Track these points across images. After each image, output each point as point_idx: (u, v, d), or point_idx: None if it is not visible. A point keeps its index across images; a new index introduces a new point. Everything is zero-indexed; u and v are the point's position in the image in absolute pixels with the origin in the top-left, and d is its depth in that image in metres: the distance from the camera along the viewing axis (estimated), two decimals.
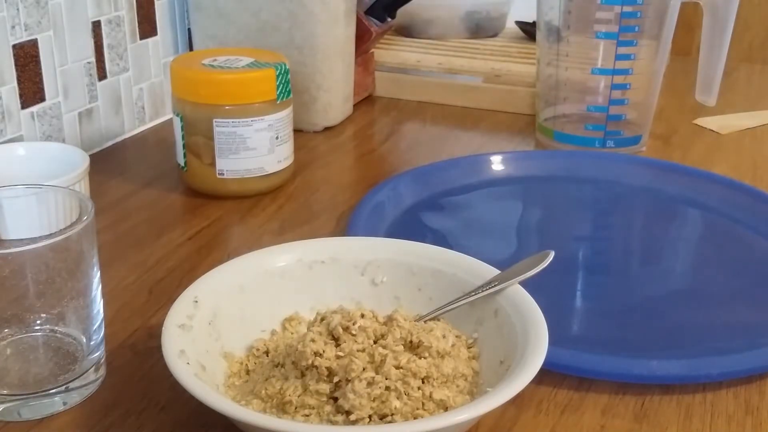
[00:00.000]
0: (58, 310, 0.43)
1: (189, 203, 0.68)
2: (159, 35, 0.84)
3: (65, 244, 0.42)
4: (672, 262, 0.62)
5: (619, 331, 0.52)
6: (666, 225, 0.67)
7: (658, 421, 0.44)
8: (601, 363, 0.46)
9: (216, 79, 0.65)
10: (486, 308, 0.46)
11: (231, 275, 0.47)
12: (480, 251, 0.50)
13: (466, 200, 0.69)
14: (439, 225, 0.66)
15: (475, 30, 1.09)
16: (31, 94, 0.70)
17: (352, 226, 0.60)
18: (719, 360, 0.47)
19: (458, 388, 0.42)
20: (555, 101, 0.81)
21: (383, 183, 0.68)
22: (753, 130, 0.86)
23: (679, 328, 0.52)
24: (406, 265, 0.49)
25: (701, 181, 0.70)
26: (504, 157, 0.73)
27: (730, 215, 0.66)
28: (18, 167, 0.61)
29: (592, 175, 0.72)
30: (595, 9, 0.75)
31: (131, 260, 0.59)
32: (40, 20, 0.70)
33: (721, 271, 0.59)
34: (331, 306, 0.47)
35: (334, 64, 0.82)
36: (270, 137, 0.67)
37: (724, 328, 0.52)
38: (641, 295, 0.56)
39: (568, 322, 0.53)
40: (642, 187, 0.71)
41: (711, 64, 0.80)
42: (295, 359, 0.42)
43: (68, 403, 0.44)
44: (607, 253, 0.63)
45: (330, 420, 0.40)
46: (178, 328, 0.42)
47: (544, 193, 0.72)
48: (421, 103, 0.93)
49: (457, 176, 0.71)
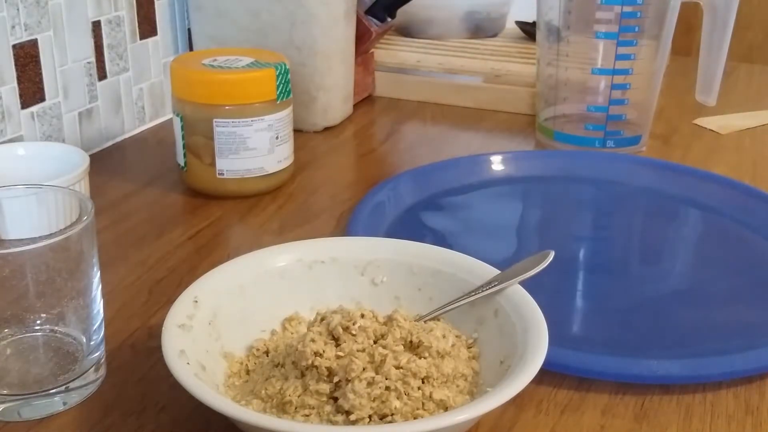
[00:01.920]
0: (58, 310, 0.43)
1: (189, 203, 0.68)
2: (159, 35, 0.84)
3: (65, 244, 0.42)
4: (672, 262, 0.62)
5: (619, 331, 0.52)
6: (666, 225, 0.67)
7: (658, 421, 0.44)
8: (601, 363, 0.46)
9: (216, 79, 0.65)
10: (486, 308, 0.46)
11: (231, 275, 0.47)
12: (480, 251, 0.50)
13: (466, 200, 0.69)
14: (439, 225, 0.66)
15: (475, 30, 1.09)
16: (31, 94, 0.70)
17: (352, 226, 0.60)
18: (719, 360, 0.47)
19: (458, 388, 0.42)
20: (555, 101, 0.81)
21: (383, 183, 0.68)
22: (753, 130, 0.86)
23: (679, 328, 0.52)
24: (406, 265, 0.49)
25: (701, 181, 0.70)
26: (504, 157, 0.73)
27: (730, 215, 0.66)
28: (18, 167, 0.61)
29: (592, 175, 0.72)
30: (595, 9, 0.75)
31: (131, 260, 0.59)
32: (40, 20, 0.70)
33: (721, 271, 0.59)
34: (331, 306, 0.47)
35: (334, 64, 0.82)
36: (270, 137, 0.67)
37: (724, 328, 0.52)
38: (641, 295, 0.56)
39: (568, 322, 0.53)
40: (642, 187, 0.71)
41: (711, 64, 0.80)
42: (295, 359, 0.42)
43: (68, 403, 0.44)
44: (607, 253, 0.63)
45: (330, 420, 0.40)
46: (178, 328, 0.42)
47: (544, 193, 0.72)
48: (421, 103, 0.93)
49: (457, 176, 0.71)
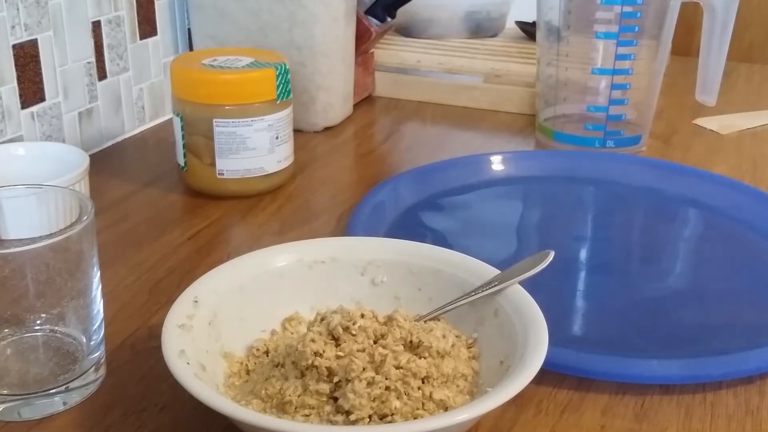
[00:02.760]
0: (58, 310, 0.43)
1: (189, 203, 0.68)
2: (159, 35, 0.84)
3: (65, 244, 0.42)
4: (672, 262, 0.62)
5: (619, 331, 0.52)
6: (666, 225, 0.67)
7: (658, 421, 0.44)
8: (601, 363, 0.46)
9: (216, 79, 0.65)
10: (486, 308, 0.46)
11: (231, 275, 0.47)
12: (480, 251, 0.50)
13: (466, 200, 0.69)
14: (439, 225, 0.66)
15: (475, 30, 1.09)
16: (31, 94, 0.70)
17: (352, 226, 0.60)
18: (719, 360, 0.47)
19: (458, 388, 0.42)
20: (555, 101, 0.81)
21: (383, 183, 0.68)
22: (753, 130, 0.86)
23: (679, 328, 0.52)
24: (406, 265, 0.49)
25: (701, 181, 0.70)
26: (504, 157, 0.73)
27: (730, 215, 0.66)
28: (18, 167, 0.61)
29: (592, 175, 0.72)
30: (595, 9, 0.75)
31: (131, 260, 0.59)
32: (40, 20, 0.70)
33: (721, 271, 0.59)
34: (331, 306, 0.47)
35: (334, 64, 0.82)
36: (270, 137, 0.67)
37: (724, 327, 0.52)
38: (641, 295, 0.56)
39: (568, 322, 0.53)
40: (642, 187, 0.71)
41: (711, 64, 0.80)
42: (295, 359, 0.42)
43: (68, 403, 0.44)
44: (607, 253, 0.63)
45: (330, 420, 0.40)
46: (178, 328, 0.42)
47: (544, 193, 0.72)
48: (421, 103, 0.93)
49: (457, 176, 0.71)
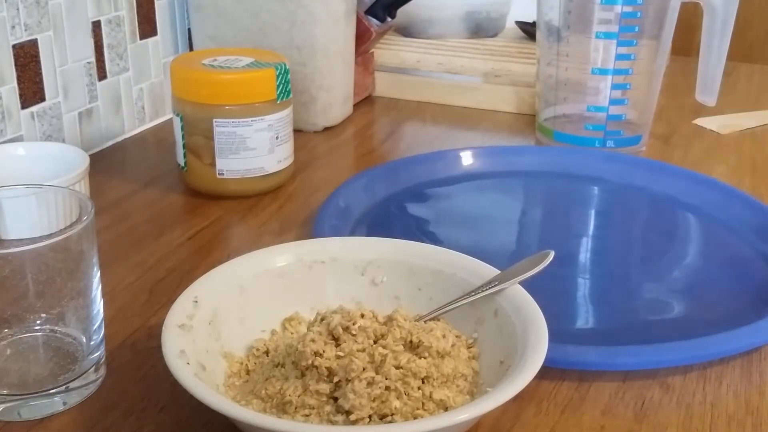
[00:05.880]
0: (58, 310, 0.43)
1: (189, 203, 0.68)
2: (159, 35, 0.84)
3: (65, 244, 0.42)
4: (671, 262, 0.62)
5: (619, 330, 0.52)
6: (665, 225, 0.67)
7: (658, 421, 0.44)
8: (600, 354, 0.47)
9: (216, 79, 0.65)
10: (486, 308, 0.46)
11: (231, 275, 0.47)
12: (478, 250, 0.50)
13: (462, 198, 0.69)
14: (434, 225, 0.66)
15: (475, 30, 1.09)
16: (31, 94, 0.70)
17: (317, 228, 0.59)
18: (714, 339, 0.48)
19: (458, 388, 0.42)
20: (555, 101, 0.81)
21: (356, 176, 0.69)
22: (753, 130, 0.86)
23: (679, 328, 0.52)
24: (406, 265, 0.49)
25: (701, 181, 0.70)
26: (503, 152, 0.74)
27: (729, 215, 0.66)
28: (18, 167, 0.61)
29: (591, 175, 0.72)
30: (595, 9, 0.75)
31: (131, 260, 0.59)
32: (40, 20, 0.70)
33: (719, 271, 0.59)
34: (331, 306, 0.47)
35: (334, 64, 0.82)
36: (270, 137, 0.67)
37: (723, 327, 0.52)
38: (641, 295, 0.57)
39: (567, 321, 0.53)
40: (641, 187, 0.71)
41: (711, 64, 0.80)
42: (295, 359, 0.42)
43: (68, 403, 0.44)
44: (607, 253, 0.63)
45: (330, 420, 0.40)
46: (178, 328, 0.42)
47: (544, 192, 0.72)
48: (421, 103, 0.93)
49: (453, 171, 0.71)
